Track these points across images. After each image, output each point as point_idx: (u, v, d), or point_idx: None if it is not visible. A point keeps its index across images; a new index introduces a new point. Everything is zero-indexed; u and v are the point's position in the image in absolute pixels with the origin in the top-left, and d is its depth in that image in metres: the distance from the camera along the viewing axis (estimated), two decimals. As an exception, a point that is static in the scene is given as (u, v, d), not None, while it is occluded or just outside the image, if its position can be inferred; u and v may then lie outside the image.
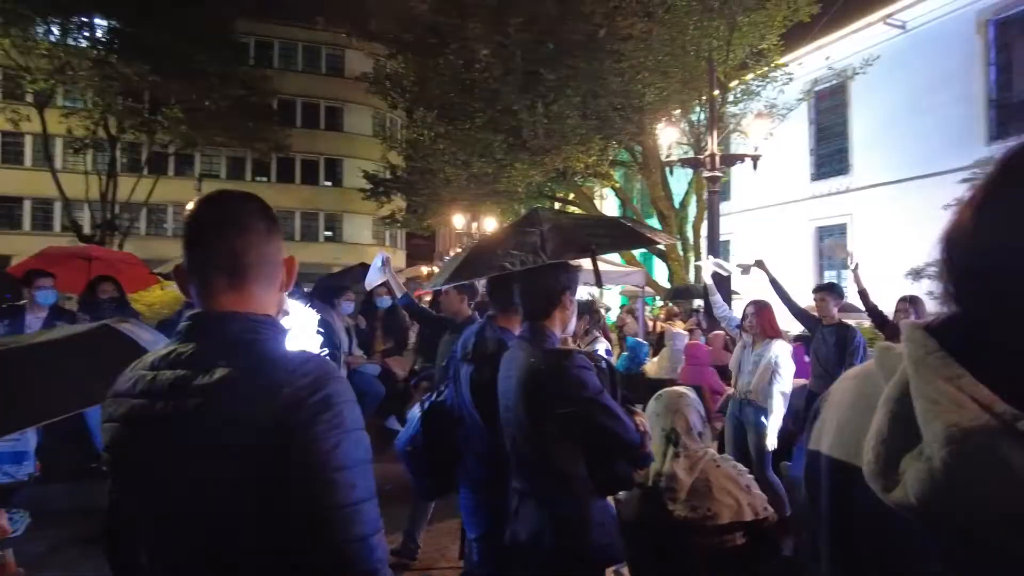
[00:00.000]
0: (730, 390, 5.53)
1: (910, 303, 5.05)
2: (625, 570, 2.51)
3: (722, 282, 8.30)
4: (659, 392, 2.76)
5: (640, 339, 9.19)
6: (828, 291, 5.30)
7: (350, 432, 1.01)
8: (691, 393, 2.74)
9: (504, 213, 20.60)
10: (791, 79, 13.54)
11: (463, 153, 14.04)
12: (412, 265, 40.01)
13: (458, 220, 20.57)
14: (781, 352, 4.76)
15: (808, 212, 16.84)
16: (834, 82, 15.62)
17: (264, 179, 32.87)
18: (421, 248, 41.62)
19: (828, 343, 5.13)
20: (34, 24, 18.37)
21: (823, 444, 0.91)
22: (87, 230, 21.41)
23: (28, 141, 27.93)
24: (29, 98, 19.94)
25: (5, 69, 19.92)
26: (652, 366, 8.15)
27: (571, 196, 17.81)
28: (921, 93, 13.74)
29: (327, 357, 1.11)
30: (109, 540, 1.15)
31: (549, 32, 12.60)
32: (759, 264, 5.85)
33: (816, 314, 5.34)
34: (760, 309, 4.93)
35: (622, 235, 3.23)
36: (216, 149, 28.32)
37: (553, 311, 2.26)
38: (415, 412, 2.82)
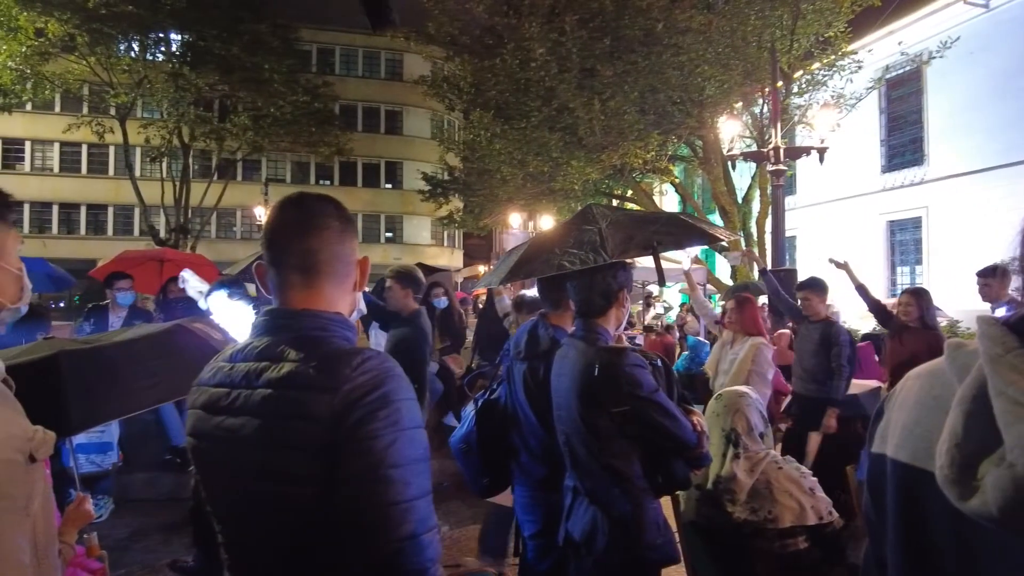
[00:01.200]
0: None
1: (913, 296, 4.72)
2: None
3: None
4: (719, 392, 2.72)
5: (701, 338, 8.98)
6: (810, 288, 4.90)
7: (406, 430, 1.03)
8: (753, 393, 2.67)
9: (560, 212, 20.49)
10: (860, 67, 12.96)
11: (519, 152, 14.06)
12: (469, 264, 40.51)
13: (514, 219, 20.65)
14: (759, 351, 4.32)
15: (879, 205, 16.10)
16: (908, 68, 14.86)
17: (327, 182, 33.88)
18: (478, 248, 41.98)
19: (812, 340, 4.75)
20: (117, 42, 19.56)
21: (888, 447, 0.87)
22: (163, 234, 22.68)
23: (111, 152, 29.77)
24: (112, 111, 21.26)
25: (91, 85, 21.29)
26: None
27: (629, 193, 17.58)
28: (1006, 76, 12.91)
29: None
30: (194, 519, 1.22)
31: (605, 28, 12.47)
32: (748, 253, 5.63)
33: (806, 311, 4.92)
34: (742, 303, 4.56)
35: (683, 232, 3.16)
36: (281, 154, 29.42)
37: (609, 309, 2.24)
38: (469, 409, 2.85)
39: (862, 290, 5.15)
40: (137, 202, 21.94)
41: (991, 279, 4.64)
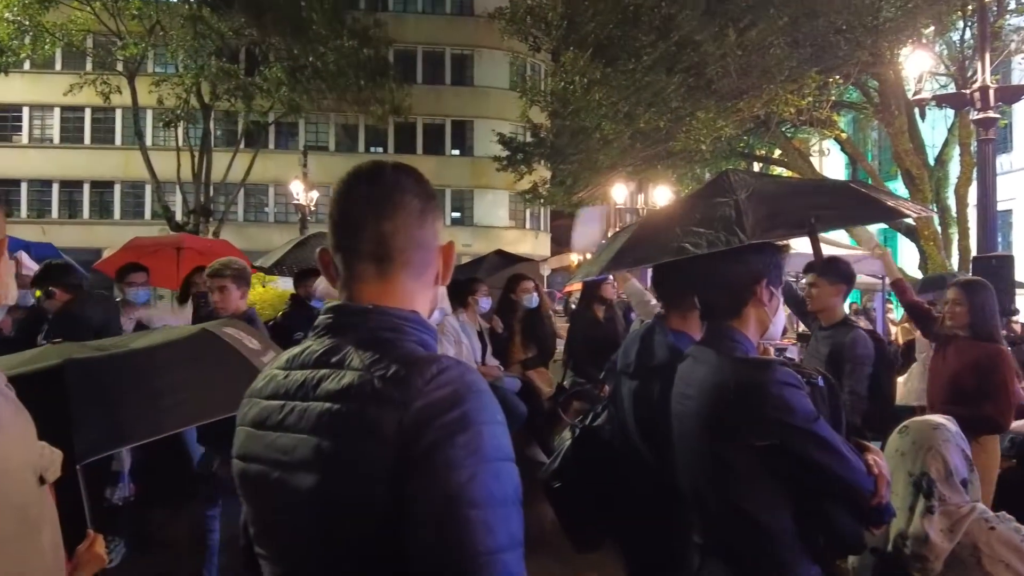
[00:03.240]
0: (1016, 423, 5.02)
1: (964, 290, 4.33)
2: None
3: (1004, 268, 7.63)
4: (905, 424, 2.64)
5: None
6: (823, 272, 4.30)
7: (491, 462, 1.05)
8: (951, 425, 2.57)
9: (681, 181, 20.27)
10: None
11: (626, 103, 13.96)
12: (559, 253, 40.45)
13: (619, 192, 20.52)
14: None
15: None
16: None
17: (380, 149, 34.90)
18: (570, 231, 41.93)
19: (820, 354, 4.25)
20: (125, -19, 20.88)
21: None
22: (179, 217, 24.02)
23: (119, 118, 31.87)
24: (120, 67, 22.71)
25: (96, 36, 22.85)
26: (897, 388, 7.65)
27: (776, 153, 17.14)
28: None
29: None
30: (243, 552, 1.31)
31: (743, -66, 12.20)
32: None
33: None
34: None
35: (853, 205, 3.06)
36: (323, 116, 30.53)
37: (743, 308, 2.19)
38: (564, 439, 2.87)
39: (898, 285, 4.87)
40: (149, 177, 23.37)
41: None
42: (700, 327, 2.59)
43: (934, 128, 13.68)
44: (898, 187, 15.06)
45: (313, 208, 25.79)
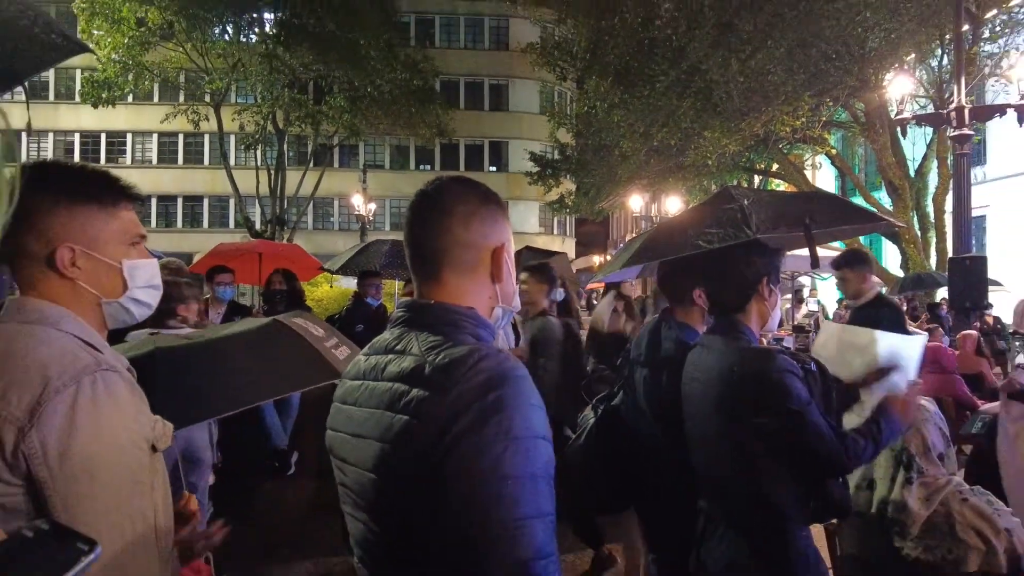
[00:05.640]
0: (986, 405, 4.90)
1: None
2: None
3: (977, 268, 7.44)
4: None
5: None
6: (848, 265, 4.28)
7: (520, 439, 1.03)
8: (931, 406, 2.51)
9: (691, 192, 20.05)
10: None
11: (642, 123, 13.86)
12: (583, 255, 40.31)
13: (635, 202, 20.35)
14: None
15: (1103, 175, 14.46)
16: None
17: (427, 167, 35.06)
18: (593, 235, 41.79)
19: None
20: (212, 26, 21.29)
21: None
22: (258, 226, 24.36)
23: (206, 140, 32.46)
24: (207, 98, 23.12)
25: (187, 72, 23.32)
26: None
27: (775, 167, 16.86)
28: None
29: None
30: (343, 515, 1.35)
31: (743, -26, 12.01)
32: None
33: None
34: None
35: (843, 211, 3.04)
36: (380, 138, 30.73)
37: (748, 303, 2.17)
38: (588, 417, 2.86)
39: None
40: (232, 192, 23.71)
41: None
42: (700, 321, 2.59)
43: (914, 144, 13.36)
44: (882, 197, 14.78)
45: (371, 218, 26.06)
